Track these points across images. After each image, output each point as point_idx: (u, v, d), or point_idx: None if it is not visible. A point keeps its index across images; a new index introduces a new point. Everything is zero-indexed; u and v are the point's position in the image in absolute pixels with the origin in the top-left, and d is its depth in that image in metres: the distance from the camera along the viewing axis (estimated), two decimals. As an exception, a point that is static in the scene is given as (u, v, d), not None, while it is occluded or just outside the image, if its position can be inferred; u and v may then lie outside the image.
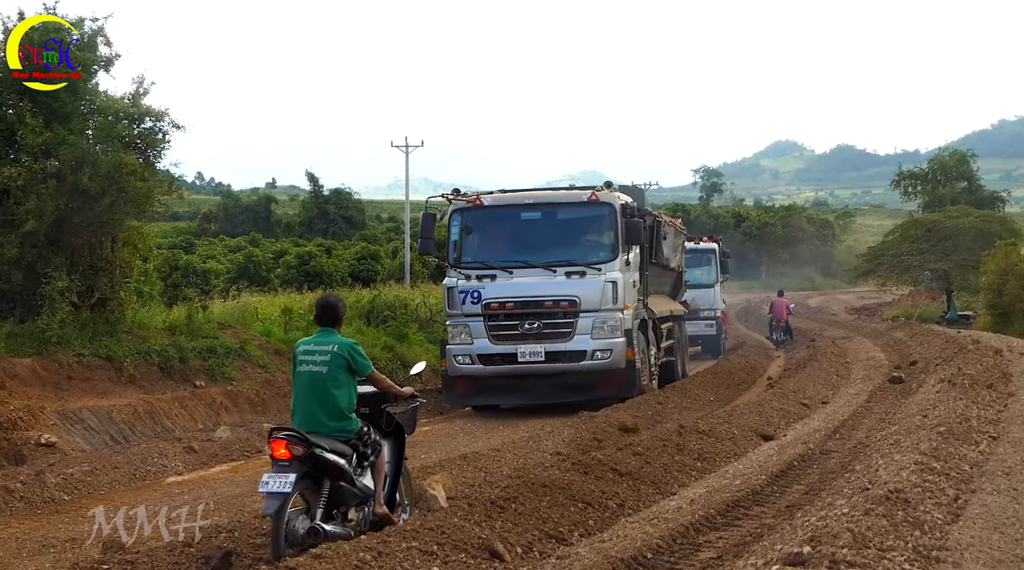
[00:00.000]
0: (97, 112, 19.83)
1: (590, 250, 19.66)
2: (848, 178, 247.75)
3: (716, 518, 9.96)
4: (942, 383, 17.27)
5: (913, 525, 7.75)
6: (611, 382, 19.27)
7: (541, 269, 19.25)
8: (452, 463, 12.33)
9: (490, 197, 19.98)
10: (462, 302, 19.34)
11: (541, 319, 18.98)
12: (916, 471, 9.66)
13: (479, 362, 19.35)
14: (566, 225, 19.90)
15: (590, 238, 19.96)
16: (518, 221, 19.89)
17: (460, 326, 19.40)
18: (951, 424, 12.54)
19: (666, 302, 24.94)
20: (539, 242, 19.71)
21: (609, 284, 18.97)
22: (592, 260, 19.31)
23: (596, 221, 19.73)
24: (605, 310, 18.97)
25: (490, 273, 19.36)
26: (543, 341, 18.98)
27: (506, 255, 19.67)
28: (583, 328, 19.01)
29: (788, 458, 13.11)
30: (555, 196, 20.41)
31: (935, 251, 44.95)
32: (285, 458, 8.17)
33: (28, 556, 9.79)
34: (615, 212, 19.34)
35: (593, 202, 19.45)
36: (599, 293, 18.89)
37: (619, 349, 19.07)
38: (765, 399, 19.10)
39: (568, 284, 18.99)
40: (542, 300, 18.99)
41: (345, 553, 7.76)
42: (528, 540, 9.03)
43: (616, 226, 19.32)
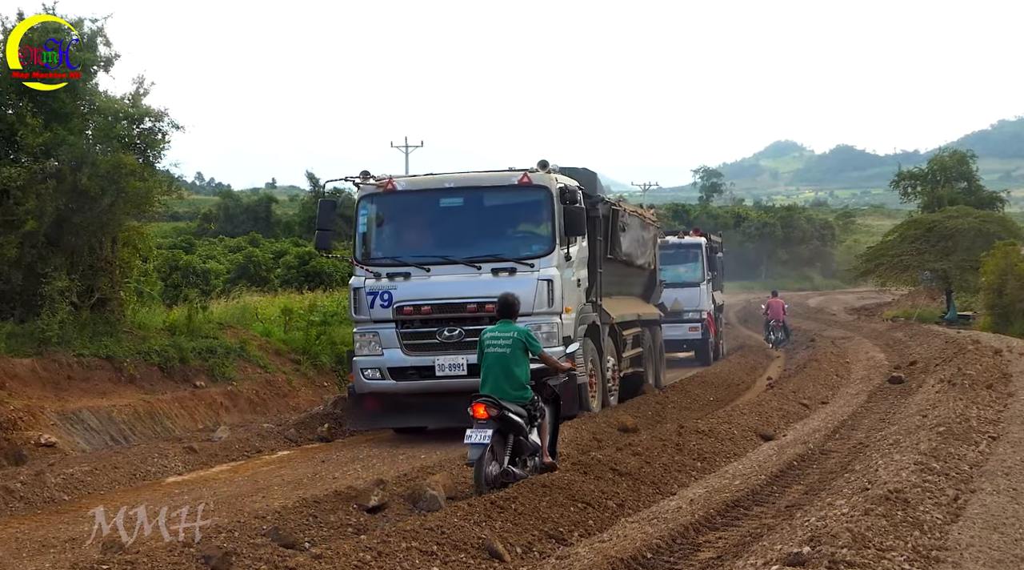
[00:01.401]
0: (97, 112, 19.84)
1: (522, 242, 16.72)
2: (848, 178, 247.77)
3: (716, 518, 9.96)
4: (942, 383, 17.29)
5: (913, 525, 7.76)
6: None
7: (463, 266, 16.26)
8: (452, 463, 12.34)
9: (404, 180, 17.12)
10: (370, 305, 16.43)
11: (463, 325, 16.02)
12: (916, 471, 9.67)
13: (390, 376, 16.38)
14: (493, 213, 17.04)
15: (522, 228, 17.13)
16: (436, 209, 16.92)
17: (368, 334, 16.47)
18: (951, 424, 12.55)
19: (634, 304, 22.06)
20: (461, 233, 16.84)
21: (543, 283, 16.01)
22: (524, 254, 16.30)
23: (529, 208, 16.80)
24: (539, 314, 15.90)
25: (403, 271, 16.41)
26: (465, 351, 15.73)
27: (423, 249, 16.82)
28: None
29: (788, 458, 13.12)
30: (480, 178, 17.03)
31: (935, 251, 44.94)
32: (484, 417, 10.86)
33: (28, 556, 9.80)
34: (551, 197, 16.26)
35: (525, 185, 16.32)
36: (531, 293, 15.82)
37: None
38: (765, 399, 19.11)
39: (495, 283, 15.78)
40: (464, 302, 16.07)
41: (345, 553, 7.77)
42: (528, 540, 9.04)
43: (553, 214, 16.27)
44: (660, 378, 23.33)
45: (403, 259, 16.62)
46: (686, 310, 30.71)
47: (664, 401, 19.38)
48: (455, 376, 16.05)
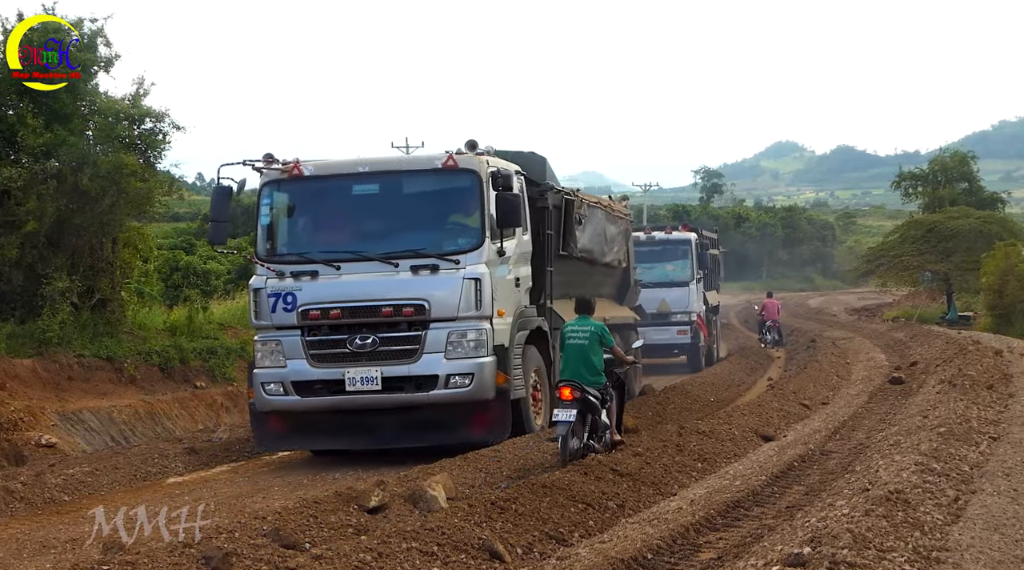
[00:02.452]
0: (97, 113, 19.86)
1: (447, 236, 14.64)
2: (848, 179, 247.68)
3: (716, 519, 9.96)
4: (942, 384, 17.28)
5: (913, 526, 7.75)
6: (475, 420, 14.27)
7: (379, 263, 14.19)
8: (452, 464, 12.34)
9: (312, 164, 14.86)
10: (272, 309, 14.27)
11: (377, 332, 14.03)
12: (916, 472, 9.67)
13: (294, 392, 14.26)
14: (414, 201, 14.84)
15: (448, 219, 15.03)
16: (349, 197, 14.88)
17: (270, 343, 14.37)
18: (951, 425, 12.55)
19: (603, 307, 19.05)
20: (377, 225, 14.81)
21: (470, 282, 13.92)
22: (449, 249, 14.22)
23: (455, 195, 14.71)
24: (465, 318, 13.96)
25: (309, 269, 14.32)
26: (379, 362, 13.99)
27: (332, 244, 14.72)
28: (434, 344, 13.97)
29: (788, 459, 13.12)
30: (398, 162, 15.29)
31: (935, 252, 44.93)
32: (569, 399, 12.44)
33: (29, 557, 9.80)
34: (481, 183, 14.17)
35: (450, 169, 14.26)
36: (456, 294, 13.90)
37: (484, 373, 13.96)
38: (765, 400, 19.10)
39: (414, 283, 13.97)
40: (378, 305, 14.04)
41: (345, 554, 7.77)
42: (528, 541, 9.04)
43: (483, 202, 14.16)
44: (634, 387, 20.63)
45: (310, 255, 14.50)
46: (674, 312, 28.52)
47: (664, 402, 19.36)
48: (368, 391, 13.98)
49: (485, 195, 14.19)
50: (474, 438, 14.03)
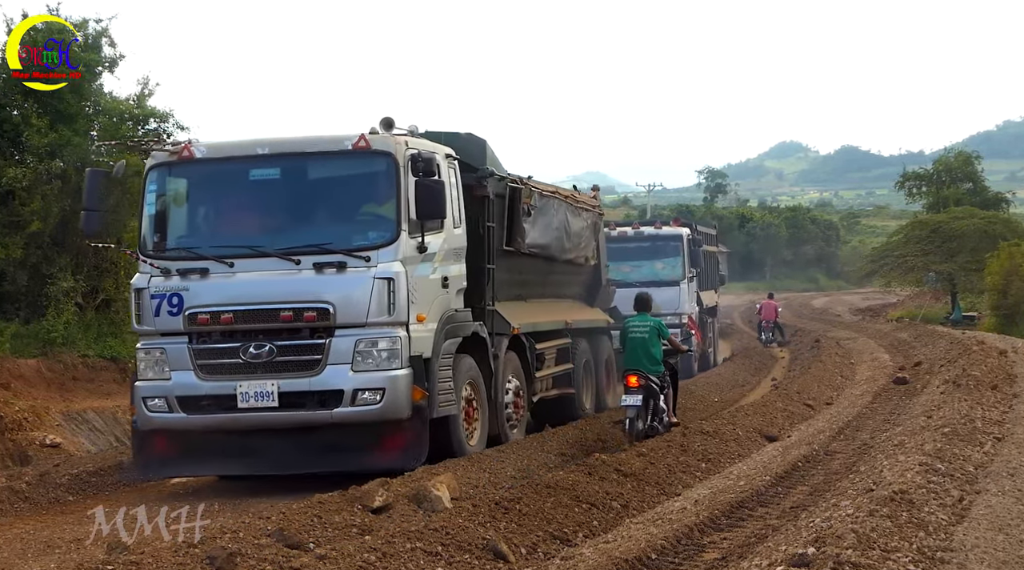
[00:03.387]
0: (102, 113, 19.91)
1: (356, 228, 12.70)
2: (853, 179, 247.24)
3: (720, 519, 9.97)
4: (947, 384, 17.27)
5: (917, 526, 7.76)
6: (387, 442, 12.39)
7: (277, 259, 12.32)
8: (456, 464, 12.34)
9: (205, 145, 13.01)
10: (156, 312, 12.40)
11: (275, 340, 12.17)
12: (920, 472, 9.67)
13: (180, 408, 12.37)
14: (320, 188, 13.08)
15: (359, 209, 13.10)
16: (246, 182, 13.02)
17: (154, 351, 12.50)
18: (955, 425, 12.55)
19: (562, 309, 17.67)
20: (277, 216, 13.02)
21: (381, 282, 12.03)
22: (358, 244, 12.32)
23: (368, 182, 12.83)
24: (377, 324, 12.08)
25: (199, 266, 12.43)
26: (277, 375, 12.14)
27: (226, 237, 12.84)
28: (340, 354, 12.08)
29: (792, 459, 13.12)
30: (303, 142, 13.04)
31: (940, 252, 44.92)
32: (636, 386, 14.06)
33: (33, 556, 9.81)
34: (397, 167, 12.28)
35: (361, 152, 12.41)
36: (365, 296, 12.04)
37: (398, 388, 12.05)
38: (769, 400, 19.11)
39: (318, 283, 12.15)
40: (276, 309, 12.17)
41: (349, 554, 7.78)
42: (532, 541, 9.04)
43: (399, 189, 12.29)
44: (606, 397, 18.86)
45: (199, 250, 12.63)
46: (663, 313, 24.74)
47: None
48: (263, 408, 12.11)
49: (402, 181, 12.27)
50: (384, 464, 11.96)
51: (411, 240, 12.36)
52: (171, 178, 13.05)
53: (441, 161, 13.03)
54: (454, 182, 13.41)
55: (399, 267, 12.15)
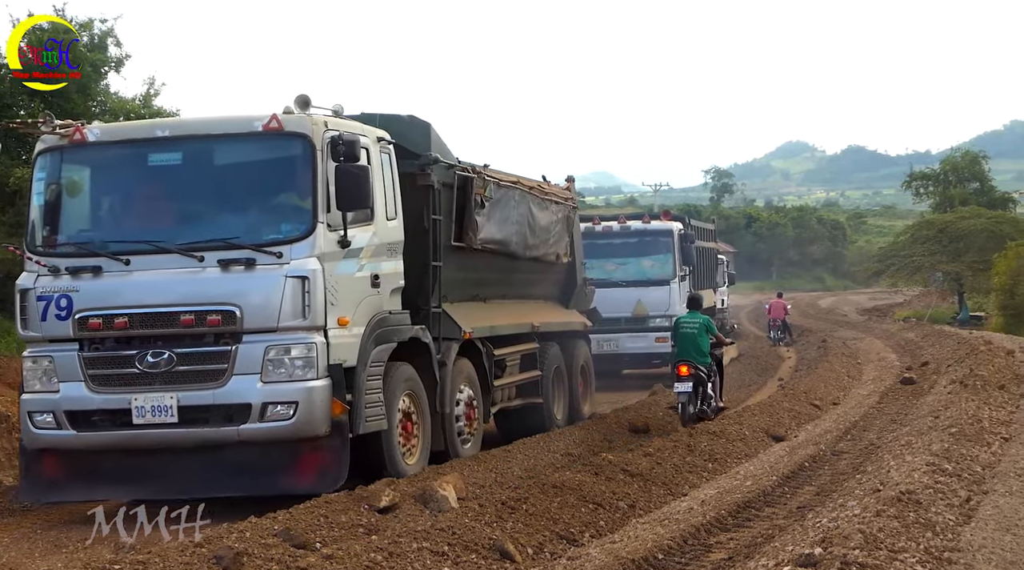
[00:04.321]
0: (108, 113, 19.91)
1: (268, 220, 11.24)
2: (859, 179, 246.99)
3: (727, 519, 9.96)
4: (954, 384, 17.26)
5: (925, 526, 7.75)
6: (301, 463, 10.94)
7: (178, 256, 10.92)
8: (463, 464, 12.35)
9: (99, 127, 11.82)
10: (43, 316, 11.03)
11: (174, 346, 10.80)
12: (928, 472, 9.67)
13: (69, 424, 10.99)
14: (227, 175, 11.66)
15: (270, 199, 11.54)
16: (144, 169, 11.58)
17: (41, 360, 11.11)
18: (963, 425, 12.54)
19: (529, 311, 16.27)
20: (179, 206, 11.61)
21: (295, 281, 10.63)
22: (269, 238, 10.88)
23: (281, 168, 11.34)
24: (289, 328, 10.68)
25: (91, 264, 11.03)
26: (177, 386, 10.77)
27: (122, 231, 11.50)
28: (247, 362, 10.70)
29: (799, 459, 13.12)
30: (208, 124, 11.66)
31: (946, 252, 44.93)
32: (686, 374, 15.76)
33: (40, 556, 9.82)
34: (314, 151, 10.86)
35: (273, 133, 10.95)
36: (276, 297, 10.63)
37: (313, 401, 10.67)
38: (776, 400, 19.09)
39: (223, 282, 10.76)
40: (176, 312, 10.79)
41: (356, 553, 7.78)
42: (539, 541, 9.05)
43: (316, 176, 10.85)
44: (581, 407, 17.61)
45: (92, 246, 11.27)
46: (652, 315, 23.85)
47: (674, 402, 19.29)
48: (161, 424, 10.75)
49: (320, 167, 10.85)
50: (299, 487, 10.71)
51: (331, 234, 10.93)
52: (62, 164, 11.68)
53: (370, 145, 11.65)
54: (388, 169, 12.04)
55: (315, 264, 10.73)
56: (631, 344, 23.62)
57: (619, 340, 22.95)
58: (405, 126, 12.98)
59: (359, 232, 11.29)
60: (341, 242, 11.02)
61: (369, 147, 11.61)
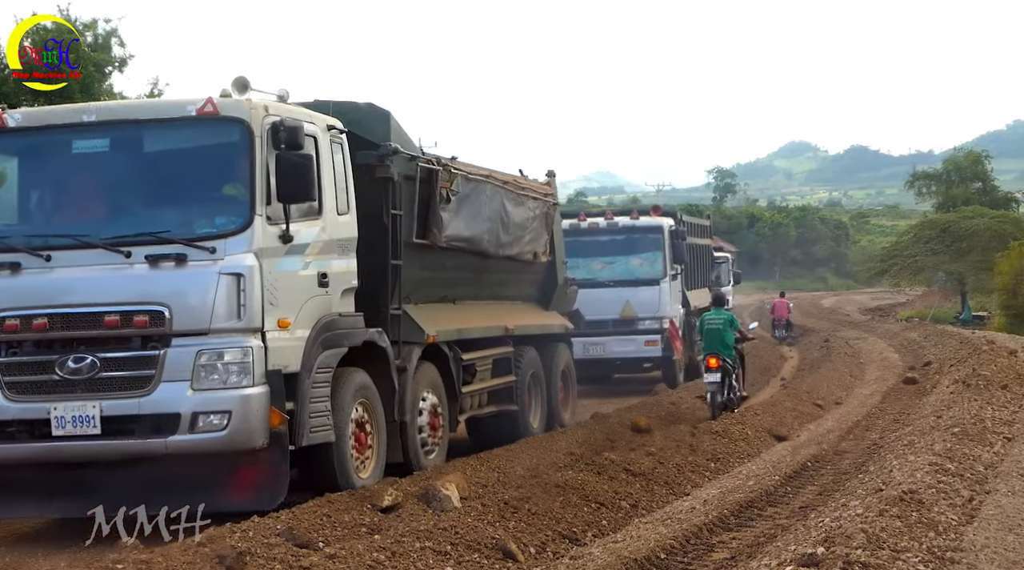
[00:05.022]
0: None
1: (201, 213, 10.38)
2: (862, 179, 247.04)
3: (730, 519, 9.97)
4: (956, 384, 17.25)
5: (927, 526, 7.74)
6: (239, 477, 10.05)
7: (104, 251, 10.02)
8: (466, 464, 12.35)
9: (20, 112, 11.02)
10: None
11: (97, 351, 9.88)
12: (930, 472, 9.66)
13: None
14: (158, 163, 10.78)
15: (205, 189, 10.55)
16: (68, 157, 10.74)
17: None
18: (965, 425, 12.53)
19: (502, 313, 15.29)
20: (106, 198, 10.66)
21: (229, 278, 9.76)
22: (202, 232, 10.05)
23: (217, 156, 10.45)
24: (223, 331, 9.79)
25: (9, 260, 10.17)
26: (100, 394, 9.83)
27: (43, 224, 10.69)
28: (177, 368, 9.79)
29: (802, 459, 13.12)
30: (138, 108, 11.10)
31: (949, 252, 44.93)
32: (715, 367, 16.85)
33: (44, 555, 9.82)
34: (251, 137, 9.98)
35: (208, 118, 10.10)
36: (208, 296, 9.76)
37: (249, 410, 9.74)
38: (778, 399, 19.09)
39: (151, 280, 9.89)
40: (100, 313, 9.87)
41: (359, 553, 7.78)
42: (541, 540, 9.06)
43: (253, 164, 9.96)
44: (561, 415, 16.70)
45: (9, 240, 10.41)
46: (640, 317, 22.62)
47: (677, 401, 19.34)
48: (83, 436, 9.81)
49: (258, 155, 9.97)
50: (234, 505, 9.75)
51: (271, 228, 10.05)
52: None
53: (318, 133, 10.79)
54: (340, 159, 11.17)
55: (252, 260, 9.82)
56: (620, 347, 22.44)
57: (606, 344, 21.91)
58: (362, 114, 12.08)
59: (304, 227, 10.45)
60: (283, 237, 10.15)
61: (317, 135, 10.75)
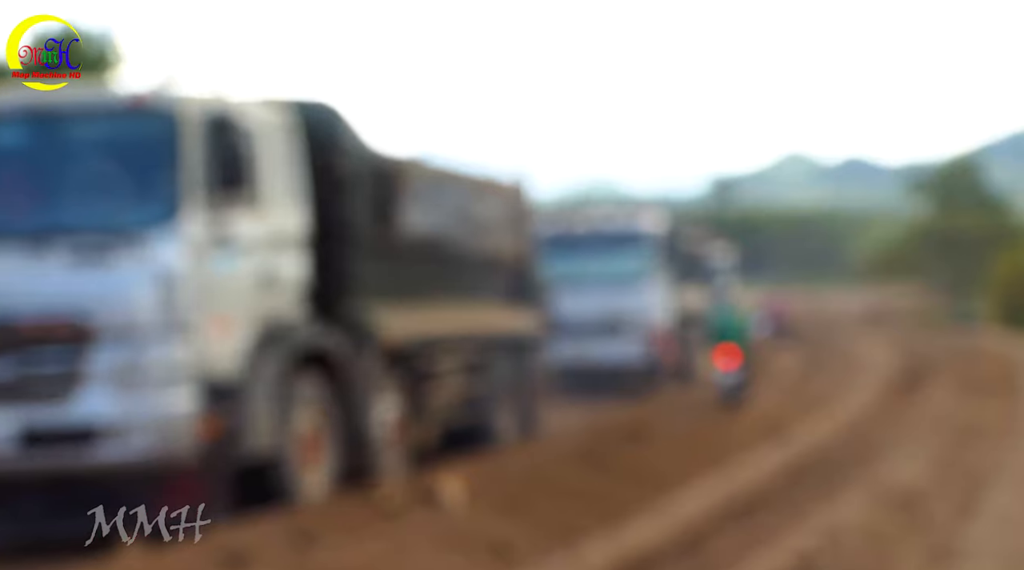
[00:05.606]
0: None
1: (126, 206, 9.52)
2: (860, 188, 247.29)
3: (728, 518, 9.99)
4: (953, 385, 17.31)
5: (924, 525, 7.79)
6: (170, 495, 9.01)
7: (20, 248, 9.30)
8: (466, 464, 12.39)
9: None
10: None
11: (10, 357, 9.09)
12: (928, 471, 9.72)
13: None
14: (83, 156, 10.00)
15: (132, 183, 9.71)
16: None
17: None
18: (962, 425, 12.60)
19: (480, 316, 14.49)
20: (23, 191, 10.03)
21: (156, 277, 8.99)
22: (128, 227, 9.20)
23: (144, 148, 9.77)
24: (147, 334, 8.95)
25: None
26: (13, 405, 9.03)
27: None
28: (99, 376, 8.97)
29: (800, 458, 13.15)
30: (61, 98, 10.38)
31: (945, 256, 45.03)
32: (730, 359, 18.06)
33: (46, 554, 9.83)
34: (182, 129, 9.38)
35: (137, 110, 9.69)
36: (133, 296, 8.98)
37: (178, 421, 8.96)
38: (777, 400, 19.16)
39: (70, 278, 9.15)
40: (14, 316, 9.12)
41: (359, 552, 7.81)
42: (541, 539, 9.08)
43: (185, 157, 9.34)
44: (532, 423, 15.58)
45: None
46: (626, 321, 22.00)
47: (677, 402, 19.36)
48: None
49: (191, 147, 9.39)
50: (164, 525, 8.79)
51: (205, 222, 9.27)
52: None
53: (261, 126, 10.15)
54: (286, 154, 10.52)
55: (182, 257, 9.07)
56: (604, 352, 21.56)
57: (591, 348, 21.07)
58: (314, 111, 11.32)
59: (246, 222, 9.65)
60: (219, 233, 9.35)
61: (259, 128, 10.07)
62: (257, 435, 9.28)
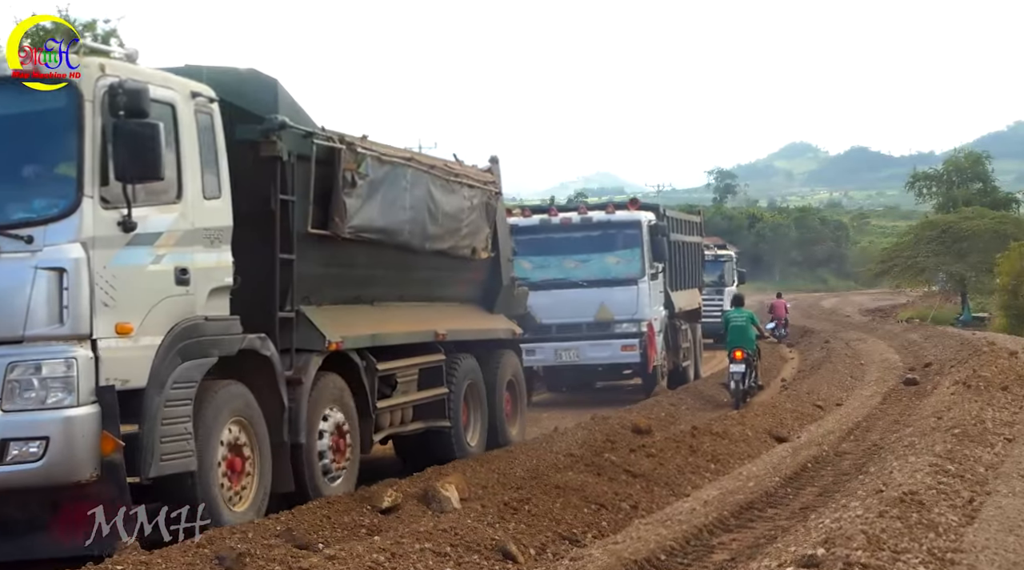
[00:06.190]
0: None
1: (15, 194, 8.55)
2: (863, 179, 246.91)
3: (730, 520, 9.97)
4: (957, 385, 17.25)
5: (928, 527, 7.74)
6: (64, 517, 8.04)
7: None
8: (466, 465, 12.35)
9: None
10: None
11: None
12: (931, 473, 9.66)
13: None
14: None
15: (24, 166, 8.69)
16: None
17: None
18: (966, 426, 12.54)
19: (442, 316, 13.50)
20: None
21: (49, 274, 7.96)
22: (16, 217, 8.26)
23: (35, 125, 8.84)
24: (39, 338, 7.97)
25: None
26: None
27: None
28: None
29: (802, 460, 13.11)
30: None
31: (950, 253, 44.94)
32: (740, 358, 18.92)
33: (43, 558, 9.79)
34: (79, 103, 8.53)
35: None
36: (22, 297, 7.95)
37: (73, 435, 7.94)
38: (779, 401, 19.10)
39: None
40: None
41: (358, 554, 7.77)
42: (541, 541, 9.05)
43: (83, 136, 8.31)
44: (507, 430, 14.63)
45: None
46: (617, 320, 20.65)
47: (677, 403, 19.34)
48: None
49: (91, 124, 8.36)
50: (60, 549, 8.02)
51: (106, 212, 8.27)
52: None
53: (177, 99, 9.02)
54: (207, 133, 9.36)
55: (78, 251, 8.04)
56: (594, 352, 20.63)
57: (580, 348, 20.30)
58: (242, 82, 10.17)
59: (156, 213, 8.69)
60: (123, 224, 8.34)
61: (176, 102, 8.99)
62: (168, 449, 8.39)
